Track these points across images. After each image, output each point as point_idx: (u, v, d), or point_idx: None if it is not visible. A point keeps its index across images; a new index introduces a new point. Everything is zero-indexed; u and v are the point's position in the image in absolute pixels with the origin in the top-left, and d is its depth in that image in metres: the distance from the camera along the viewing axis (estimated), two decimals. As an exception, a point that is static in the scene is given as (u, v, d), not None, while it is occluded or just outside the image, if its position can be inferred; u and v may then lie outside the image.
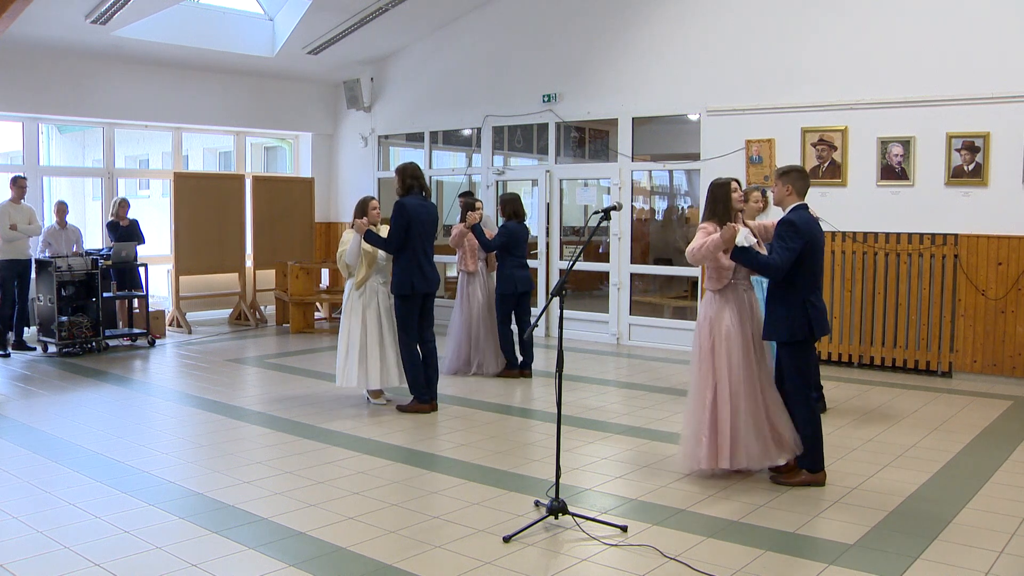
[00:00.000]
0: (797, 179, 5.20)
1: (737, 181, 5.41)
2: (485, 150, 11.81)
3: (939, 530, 4.45)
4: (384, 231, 7.04)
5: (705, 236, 5.19)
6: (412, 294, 6.87)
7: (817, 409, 5.24)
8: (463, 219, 8.48)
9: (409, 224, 6.77)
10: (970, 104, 8.22)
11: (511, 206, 8.46)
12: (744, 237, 4.96)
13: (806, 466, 5.19)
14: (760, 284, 6.15)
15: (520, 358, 8.42)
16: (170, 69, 11.60)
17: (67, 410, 7.09)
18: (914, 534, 4.40)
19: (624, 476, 5.42)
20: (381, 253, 7.07)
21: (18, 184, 9.67)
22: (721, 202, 5.30)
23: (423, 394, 6.99)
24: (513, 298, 8.34)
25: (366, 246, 6.99)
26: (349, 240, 7.05)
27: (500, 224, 8.57)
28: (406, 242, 6.81)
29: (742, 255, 5.02)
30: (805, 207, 5.18)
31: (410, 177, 6.95)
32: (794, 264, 5.01)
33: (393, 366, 7.10)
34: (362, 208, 7.11)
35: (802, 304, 5.07)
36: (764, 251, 5.23)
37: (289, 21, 11.27)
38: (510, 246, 8.31)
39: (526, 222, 8.66)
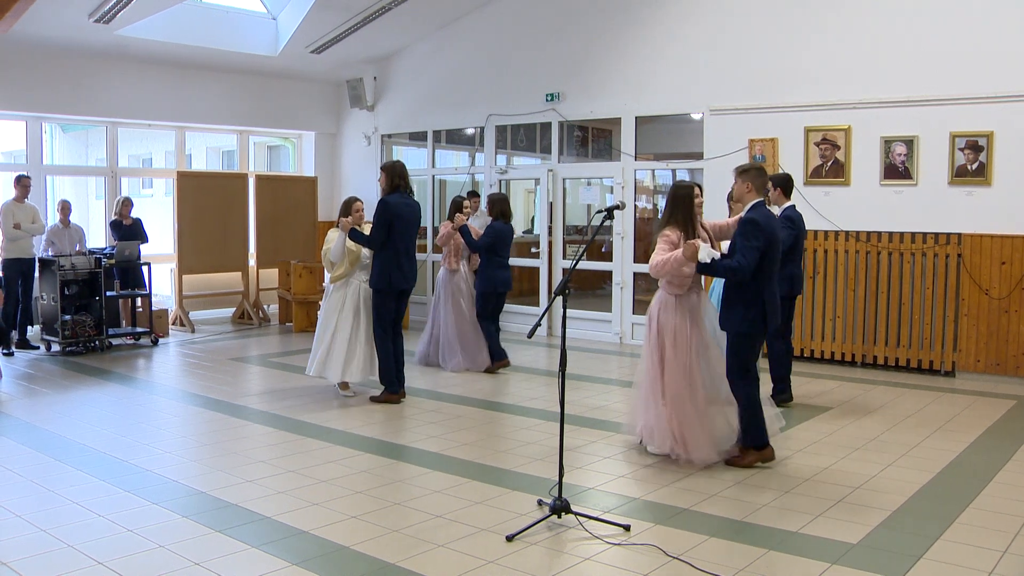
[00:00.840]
0: (756, 177, 5.40)
1: (699, 187, 5.62)
2: (488, 149, 11.81)
3: (942, 529, 4.45)
4: (368, 229, 7.31)
5: (667, 246, 5.40)
6: (389, 289, 7.09)
7: (755, 390, 5.41)
8: (450, 218, 8.74)
9: (391, 222, 7.00)
10: (973, 103, 8.21)
11: (499, 206, 8.64)
12: (707, 254, 5.15)
13: (750, 444, 5.39)
14: None
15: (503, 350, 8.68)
16: (173, 68, 11.61)
17: (70, 409, 7.11)
18: (917, 533, 4.40)
19: (627, 475, 5.42)
20: (365, 251, 7.32)
21: (22, 183, 9.69)
22: (681, 208, 5.50)
23: (394, 385, 7.24)
24: (493, 297, 8.58)
25: (351, 244, 7.23)
26: (334, 238, 7.28)
27: (488, 224, 8.74)
28: (388, 239, 7.00)
29: (704, 267, 5.25)
30: (763, 203, 5.38)
31: (398, 176, 7.17)
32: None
33: (370, 360, 7.38)
34: (347, 208, 7.38)
35: (759, 299, 5.24)
36: (719, 251, 5.46)
37: (292, 20, 11.27)
38: (496, 247, 8.45)
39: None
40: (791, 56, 9.24)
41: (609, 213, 5.12)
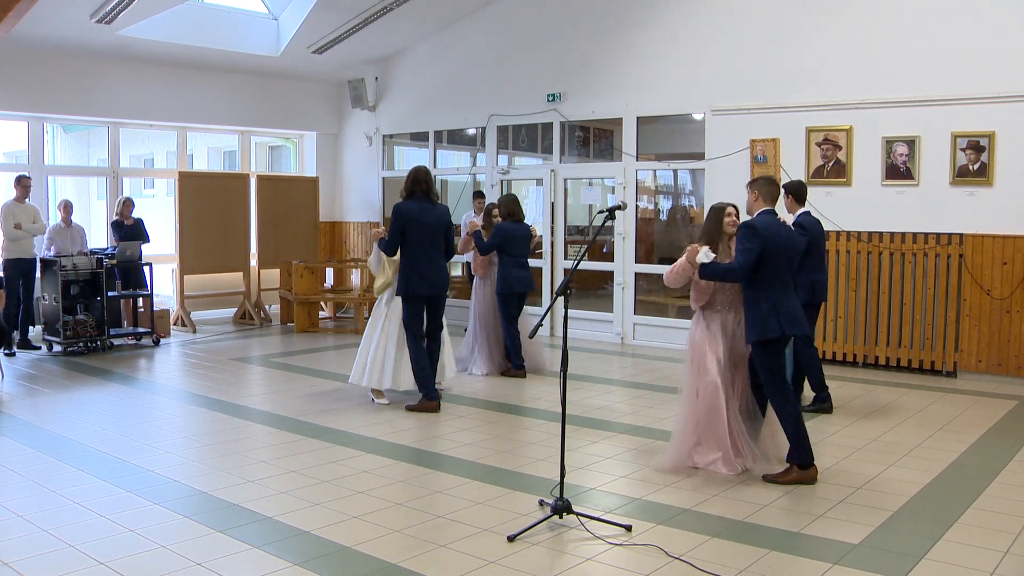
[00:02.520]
0: (763, 186, 5.44)
1: (734, 206, 5.61)
2: (490, 149, 11.81)
3: (944, 530, 4.44)
4: None
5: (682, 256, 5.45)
6: (413, 296, 6.95)
7: (791, 403, 5.27)
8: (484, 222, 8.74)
9: (404, 227, 6.88)
10: (975, 103, 8.20)
11: (506, 207, 8.60)
12: (704, 254, 5.23)
13: (794, 461, 5.26)
14: None
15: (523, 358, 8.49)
16: (175, 68, 11.62)
17: (72, 409, 7.11)
18: (919, 534, 4.39)
19: (628, 476, 5.42)
20: (370, 261, 7.33)
21: (22, 184, 9.69)
22: (710, 223, 5.59)
23: (432, 393, 7.03)
24: (512, 297, 8.40)
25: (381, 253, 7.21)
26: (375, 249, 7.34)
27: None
28: (403, 245, 6.92)
29: (704, 269, 5.27)
30: (772, 212, 5.38)
31: (412, 181, 7.04)
32: (758, 266, 5.17)
33: (405, 369, 7.18)
34: None
35: (771, 305, 5.19)
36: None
37: (294, 20, 11.28)
38: (505, 246, 8.38)
39: (528, 221, 8.72)
40: (793, 56, 9.24)
41: (611, 213, 5.11)
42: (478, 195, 10.94)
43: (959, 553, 4.15)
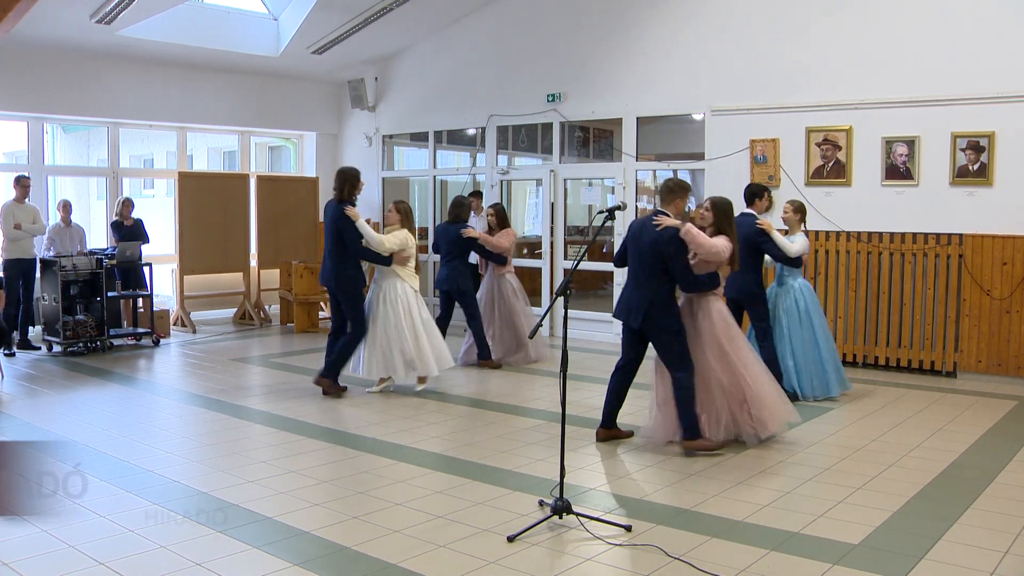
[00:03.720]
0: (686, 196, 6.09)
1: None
2: (489, 150, 11.81)
3: (943, 530, 4.44)
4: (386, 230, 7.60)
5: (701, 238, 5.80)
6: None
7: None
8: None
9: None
10: (975, 104, 8.20)
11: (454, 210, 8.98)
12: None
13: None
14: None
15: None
16: (175, 69, 11.61)
17: (71, 409, 7.11)
18: (918, 534, 4.39)
19: (628, 476, 5.42)
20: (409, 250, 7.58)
21: (22, 184, 9.68)
22: (728, 221, 6.05)
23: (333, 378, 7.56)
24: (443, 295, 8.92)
25: (395, 241, 7.44)
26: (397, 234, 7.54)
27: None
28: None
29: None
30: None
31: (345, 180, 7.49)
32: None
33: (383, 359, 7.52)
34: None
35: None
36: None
37: (294, 21, 11.28)
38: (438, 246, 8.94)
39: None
40: (792, 56, 9.24)
41: (610, 214, 5.12)
42: (476, 195, 10.95)
43: (959, 553, 4.15)
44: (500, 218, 9.06)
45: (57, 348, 9.63)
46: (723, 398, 5.85)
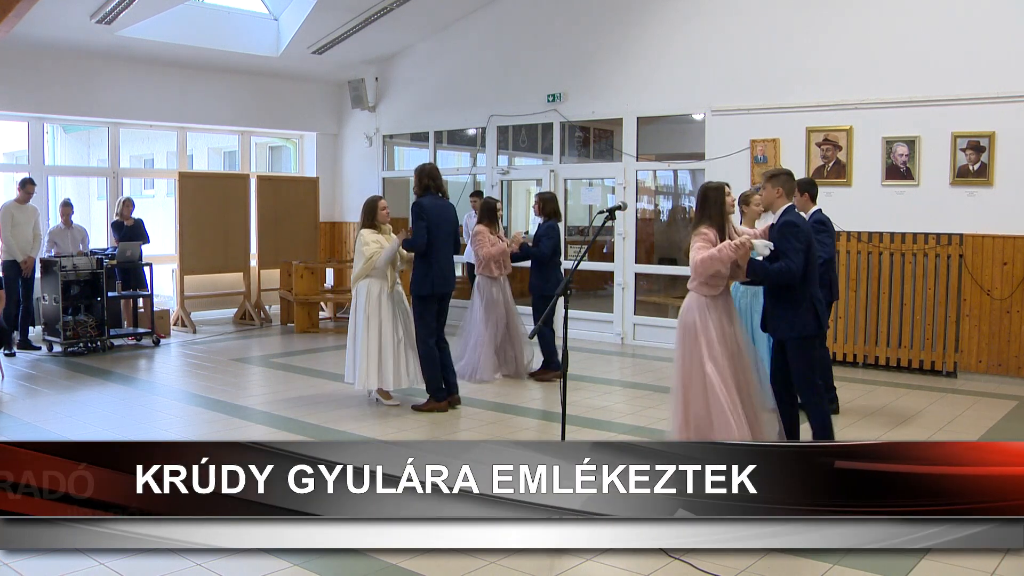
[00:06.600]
0: (786, 181, 5.33)
1: (728, 185, 5.51)
2: (490, 150, 11.81)
3: (944, 530, 4.43)
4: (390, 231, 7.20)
5: (706, 243, 5.24)
6: (432, 295, 6.92)
7: (826, 403, 5.33)
8: (480, 221, 8.44)
9: (428, 224, 6.84)
10: (975, 104, 8.20)
11: (551, 204, 8.68)
12: (764, 246, 5.11)
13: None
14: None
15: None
16: (175, 69, 11.61)
17: (72, 409, 7.11)
18: (919, 534, 4.39)
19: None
20: (383, 257, 6.99)
21: (26, 188, 9.65)
22: (714, 206, 5.38)
23: (439, 393, 7.00)
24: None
25: (401, 252, 7.05)
26: (375, 243, 6.99)
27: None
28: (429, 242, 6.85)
29: (754, 267, 5.14)
30: (794, 207, 5.34)
31: (427, 177, 7.02)
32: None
33: (406, 368, 7.08)
34: (371, 208, 7.16)
35: (809, 300, 5.17)
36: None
37: (294, 21, 11.28)
38: (558, 247, 8.65)
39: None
40: (793, 57, 9.24)
41: (611, 214, 5.11)
42: (476, 195, 10.94)
43: (959, 553, 4.14)
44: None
45: (57, 348, 9.63)
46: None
